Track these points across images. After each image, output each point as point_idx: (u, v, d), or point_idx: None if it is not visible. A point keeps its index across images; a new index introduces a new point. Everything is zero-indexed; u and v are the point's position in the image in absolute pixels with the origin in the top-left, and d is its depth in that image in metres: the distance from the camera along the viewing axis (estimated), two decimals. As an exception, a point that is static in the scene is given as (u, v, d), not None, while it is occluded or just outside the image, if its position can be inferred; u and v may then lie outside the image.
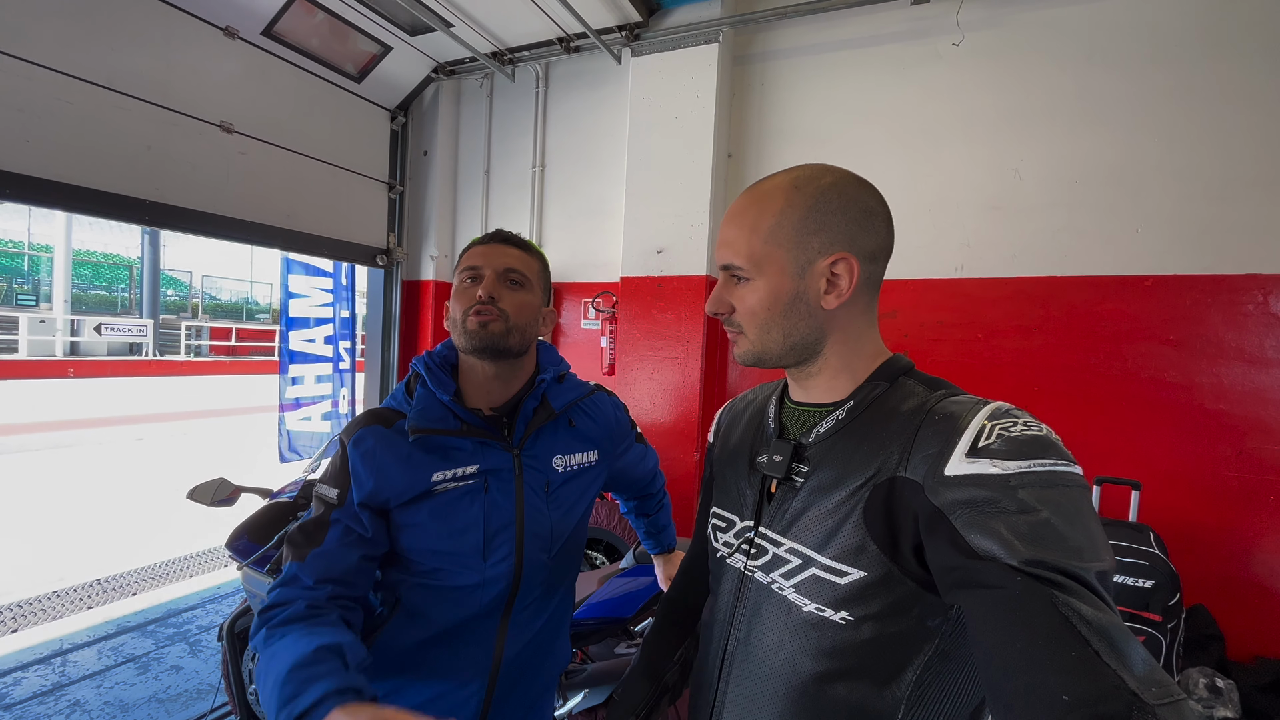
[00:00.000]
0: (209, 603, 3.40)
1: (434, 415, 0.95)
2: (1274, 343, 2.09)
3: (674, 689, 0.90)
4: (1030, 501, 0.50)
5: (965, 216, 2.54)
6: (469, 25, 3.15)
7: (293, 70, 3.11)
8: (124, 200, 2.46)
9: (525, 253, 1.01)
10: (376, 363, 3.92)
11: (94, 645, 2.86)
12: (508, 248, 1.00)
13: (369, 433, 0.94)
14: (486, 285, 0.95)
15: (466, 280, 0.98)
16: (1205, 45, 2.18)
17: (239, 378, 15.14)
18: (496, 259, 0.98)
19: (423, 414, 0.94)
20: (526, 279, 0.99)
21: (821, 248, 0.64)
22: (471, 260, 0.98)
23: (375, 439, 0.94)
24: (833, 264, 0.64)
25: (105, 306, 18.32)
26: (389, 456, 0.92)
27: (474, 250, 1.00)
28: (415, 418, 0.93)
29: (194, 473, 4.10)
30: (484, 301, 0.94)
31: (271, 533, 1.79)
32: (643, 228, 3.02)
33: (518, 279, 0.98)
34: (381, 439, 0.94)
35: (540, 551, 0.99)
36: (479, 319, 0.94)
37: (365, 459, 0.92)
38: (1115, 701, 0.41)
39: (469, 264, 0.98)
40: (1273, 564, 2.09)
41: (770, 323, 0.67)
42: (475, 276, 0.97)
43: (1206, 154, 2.18)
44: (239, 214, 2.90)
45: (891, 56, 2.67)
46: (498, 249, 0.99)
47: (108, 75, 2.39)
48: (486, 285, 0.95)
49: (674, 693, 0.89)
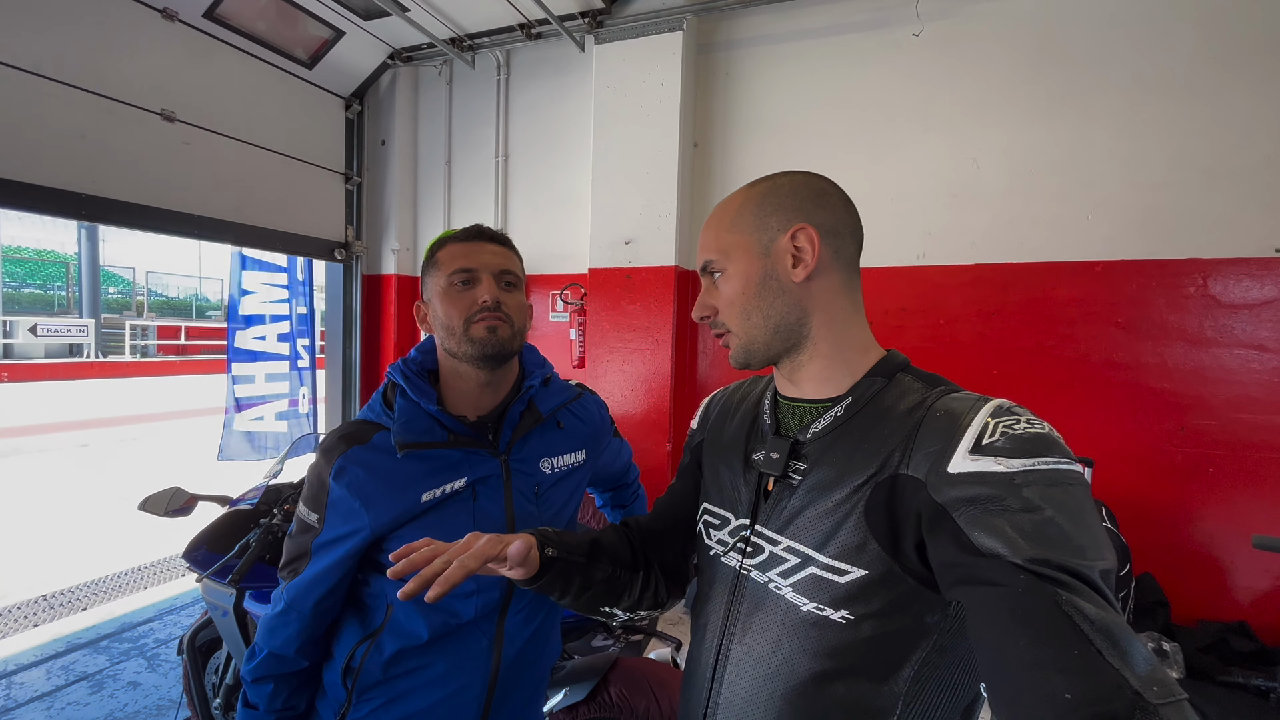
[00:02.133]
0: (166, 615, 3.26)
1: (419, 427, 0.91)
2: (1212, 324, 2.21)
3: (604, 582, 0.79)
4: (1034, 500, 0.50)
5: (926, 205, 2.59)
6: (425, 10, 3.05)
7: (238, 55, 2.96)
8: (57, 194, 2.31)
9: (511, 250, 0.98)
10: (338, 360, 3.81)
11: (42, 665, 2.71)
12: (496, 246, 0.95)
13: (349, 460, 0.90)
14: (490, 289, 0.91)
15: (459, 283, 0.91)
16: (1151, 38, 2.26)
17: (190, 378, 14.51)
18: (489, 260, 0.93)
19: (407, 427, 0.90)
20: (518, 279, 0.97)
21: (780, 225, 0.67)
22: (461, 261, 0.92)
23: (357, 466, 0.89)
24: (793, 236, 0.66)
25: (41, 306, 17.27)
26: (375, 483, 0.89)
27: (456, 249, 0.93)
28: (400, 431, 0.90)
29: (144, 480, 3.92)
30: (490, 307, 0.90)
31: (232, 542, 1.72)
32: (610, 218, 3.00)
33: (511, 280, 0.95)
34: (364, 464, 0.89)
35: None
36: (487, 324, 0.90)
37: (352, 490, 0.88)
38: (1118, 701, 0.41)
39: (460, 265, 0.91)
40: (1213, 532, 2.22)
41: (749, 307, 0.68)
42: (470, 279, 0.91)
43: (1151, 143, 2.27)
44: (185, 208, 2.76)
45: (853, 47, 2.70)
46: (486, 248, 0.94)
47: (34, 60, 2.23)
48: (490, 289, 0.91)
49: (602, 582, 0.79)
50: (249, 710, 0.95)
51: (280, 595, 0.94)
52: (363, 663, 0.91)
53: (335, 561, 0.90)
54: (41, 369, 12.60)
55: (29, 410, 9.46)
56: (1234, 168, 2.17)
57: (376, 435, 0.92)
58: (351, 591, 0.95)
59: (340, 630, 0.96)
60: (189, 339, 17.61)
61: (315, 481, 0.93)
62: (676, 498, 0.90)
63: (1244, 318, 2.17)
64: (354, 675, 0.92)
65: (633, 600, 0.82)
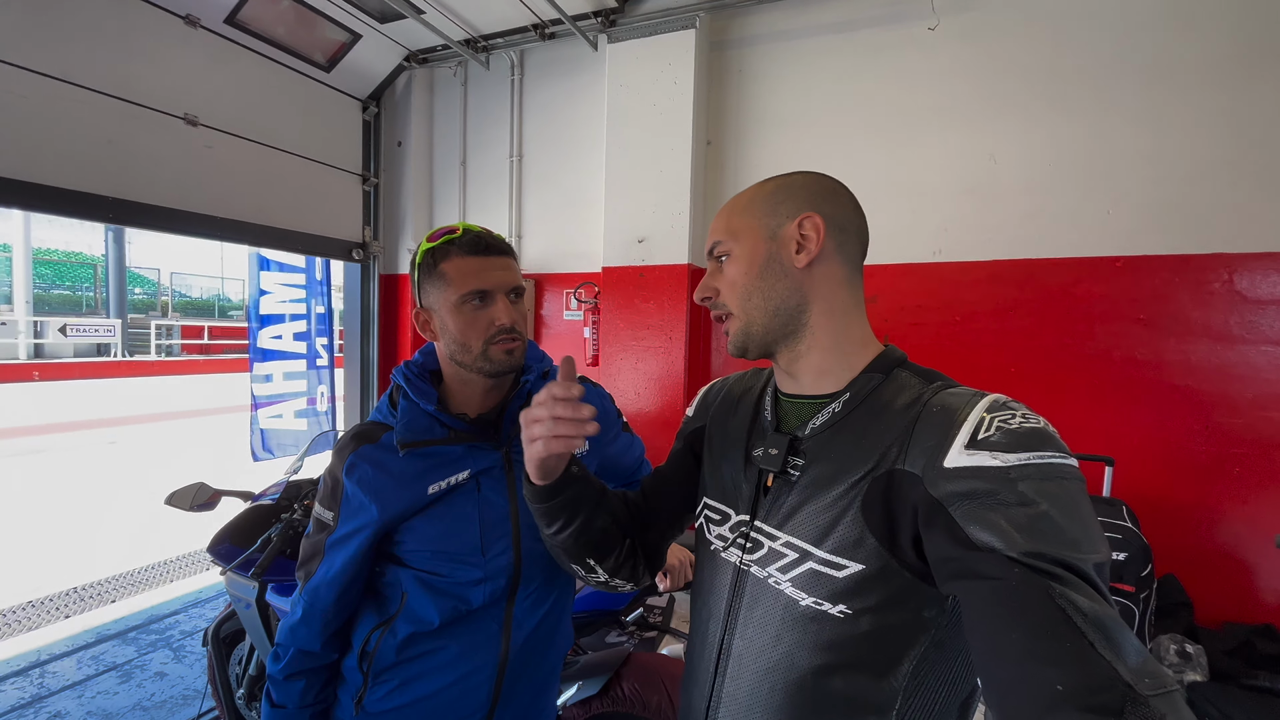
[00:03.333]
0: (191, 607, 3.34)
1: (420, 427, 0.95)
2: (1238, 320, 2.16)
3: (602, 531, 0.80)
4: (1029, 494, 0.51)
5: (942, 201, 2.56)
6: (440, 12, 3.08)
7: (258, 60, 3.02)
8: (85, 197, 2.38)
9: (515, 259, 1.00)
10: (356, 359, 3.86)
11: (73, 655, 2.80)
12: (505, 260, 0.96)
13: (359, 457, 0.95)
14: (507, 312, 0.93)
15: (474, 301, 0.92)
16: (1173, 29, 2.21)
17: (214, 377, 14.80)
18: (502, 278, 0.94)
19: (409, 426, 0.94)
20: (522, 289, 0.99)
21: (789, 213, 0.68)
22: (474, 283, 0.92)
23: (366, 463, 0.94)
24: (800, 224, 0.67)
25: (70, 307, 17.74)
26: (384, 478, 0.93)
27: (466, 265, 0.92)
28: (402, 431, 0.94)
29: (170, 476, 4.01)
30: (508, 330, 0.93)
31: (254, 536, 1.76)
32: (623, 217, 3.00)
33: (518, 293, 0.98)
34: (373, 461, 0.94)
35: (537, 542, 1.00)
36: (506, 348, 0.93)
37: (362, 485, 0.93)
38: (1109, 693, 0.42)
39: (474, 287, 0.91)
40: (1238, 533, 2.17)
41: (750, 288, 0.69)
42: (484, 300, 0.92)
43: (1174, 137, 2.22)
44: (207, 209, 2.82)
45: (868, 42, 2.67)
46: (496, 264, 0.94)
47: (63, 68, 2.29)
48: (507, 312, 0.93)
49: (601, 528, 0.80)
50: (277, 710, 0.97)
51: (299, 598, 0.97)
52: (377, 646, 0.95)
53: (351, 557, 0.94)
54: (71, 368, 12.95)
55: (59, 408, 9.73)
56: (1259, 161, 2.12)
57: (384, 435, 0.96)
58: (369, 582, 0.99)
59: (358, 620, 1.00)
60: (212, 338, 17.97)
61: (330, 480, 0.98)
62: (664, 482, 0.89)
63: (1271, 313, 2.12)
64: (369, 659, 0.96)
65: (616, 563, 0.83)
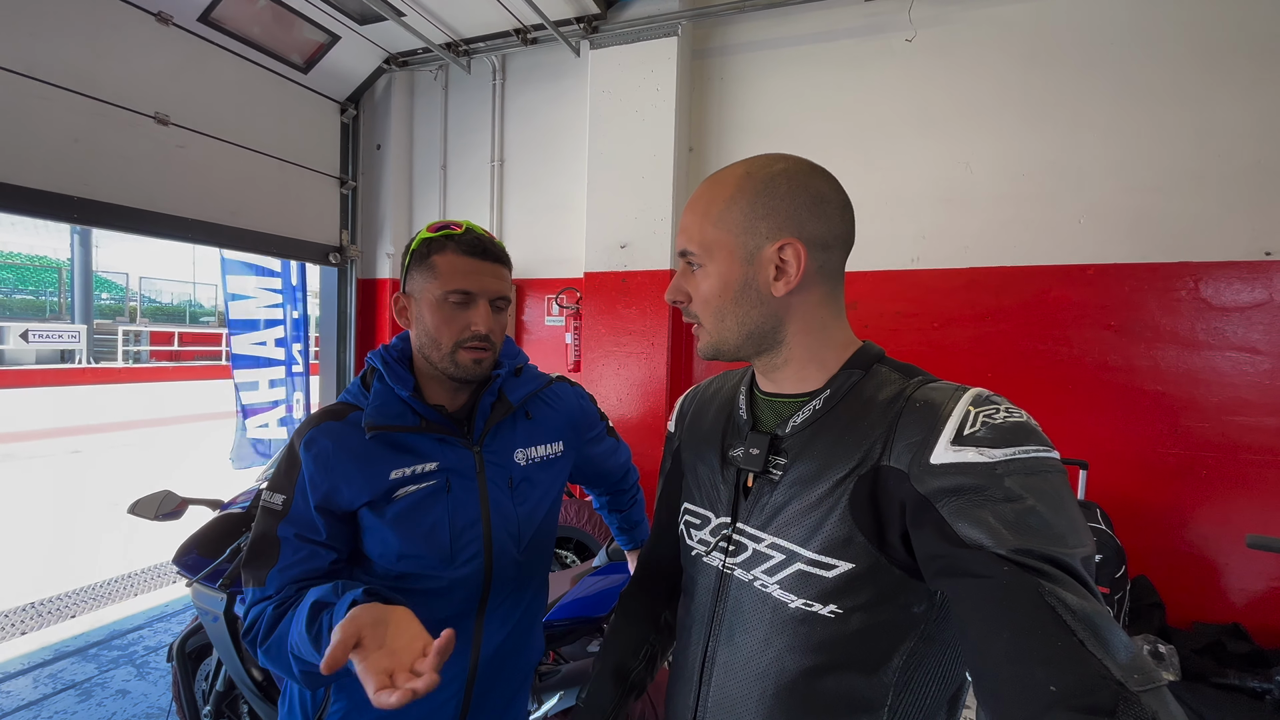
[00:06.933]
0: (156, 622, 3.22)
1: (392, 412, 0.92)
2: (1204, 326, 2.22)
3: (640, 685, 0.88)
4: (1016, 489, 0.51)
5: (920, 209, 2.60)
6: (421, 14, 3.05)
7: (234, 59, 2.96)
8: (49, 196, 2.30)
9: (508, 268, 0.97)
10: (332, 365, 3.79)
11: (29, 673, 2.68)
12: (497, 268, 0.94)
13: (320, 432, 0.90)
14: (485, 319, 0.91)
15: (455, 300, 0.90)
16: (1140, 45, 2.28)
17: (184, 384, 14.42)
18: (490, 284, 0.92)
19: (380, 410, 0.91)
20: (508, 301, 0.97)
21: (769, 233, 0.64)
22: (460, 282, 0.90)
23: (328, 438, 0.90)
24: (780, 249, 0.63)
25: (32, 311, 17.15)
26: (344, 455, 0.89)
27: (459, 264, 0.90)
28: (372, 414, 0.91)
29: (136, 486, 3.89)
30: (482, 338, 0.91)
31: (223, 546, 1.71)
32: (605, 222, 3.00)
33: (503, 303, 0.95)
34: (335, 437, 0.90)
35: (510, 547, 0.98)
36: (474, 356, 0.92)
37: (318, 461, 0.88)
38: (1101, 692, 0.42)
39: (459, 286, 0.90)
40: (1207, 534, 2.23)
41: (723, 310, 0.67)
42: (466, 302, 0.91)
43: (1142, 148, 2.29)
44: (178, 211, 2.75)
45: (847, 52, 2.72)
46: (488, 269, 0.92)
47: (28, 63, 2.22)
48: (485, 319, 0.91)
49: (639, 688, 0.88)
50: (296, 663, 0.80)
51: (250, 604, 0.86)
52: None
53: (309, 544, 0.87)
54: (33, 375, 12.51)
55: (20, 416, 9.38)
56: (1223, 172, 2.19)
57: (352, 414, 0.93)
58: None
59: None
60: (182, 345, 17.51)
61: (286, 458, 0.92)
62: (657, 546, 0.92)
63: (1235, 320, 2.18)
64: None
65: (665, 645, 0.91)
